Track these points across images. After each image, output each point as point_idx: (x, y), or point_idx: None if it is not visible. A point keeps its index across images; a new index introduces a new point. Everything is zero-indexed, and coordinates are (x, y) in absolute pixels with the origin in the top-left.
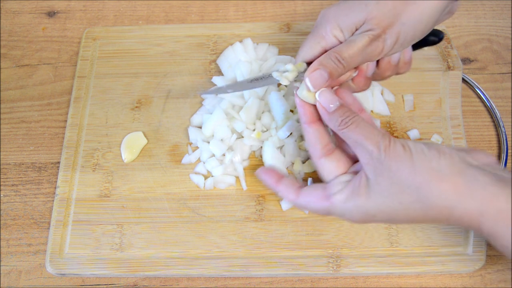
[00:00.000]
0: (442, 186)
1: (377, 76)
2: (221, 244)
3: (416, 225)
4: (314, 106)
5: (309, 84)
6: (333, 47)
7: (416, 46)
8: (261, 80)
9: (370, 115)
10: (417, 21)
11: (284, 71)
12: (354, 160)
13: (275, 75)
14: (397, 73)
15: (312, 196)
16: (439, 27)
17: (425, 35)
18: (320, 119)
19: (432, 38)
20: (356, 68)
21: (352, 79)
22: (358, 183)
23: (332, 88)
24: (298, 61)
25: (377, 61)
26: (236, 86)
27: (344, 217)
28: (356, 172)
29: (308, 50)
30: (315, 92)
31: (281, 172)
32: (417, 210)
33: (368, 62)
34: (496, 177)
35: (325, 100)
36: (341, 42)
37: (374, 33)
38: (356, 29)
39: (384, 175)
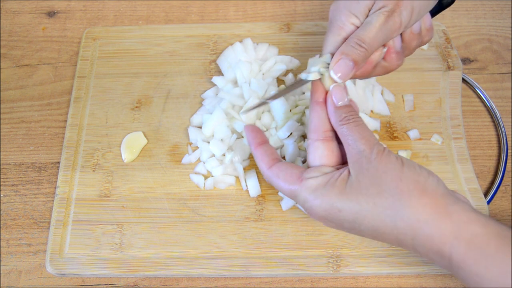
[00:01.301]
0: (423, 200)
1: (405, 50)
2: (221, 244)
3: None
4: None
5: (335, 76)
6: None
7: (434, 12)
8: (295, 85)
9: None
10: None
11: (310, 72)
12: (345, 161)
13: (303, 76)
14: (422, 43)
15: (284, 172)
16: (440, 25)
17: None
18: None
19: (446, 0)
20: (384, 45)
21: (384, 58)
22: (337, 176)
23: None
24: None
25: (400, 35)
26: (274, 95)
27: (306, 205)
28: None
29: (331, 44)
30: (342, 82)
31: (265, 138)
32: (388, 217)
33: (394, 38)
34: (472, 207)
35: (337, 95)
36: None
37: (387, 9)
38: (369, 11)
39: (368, 174)
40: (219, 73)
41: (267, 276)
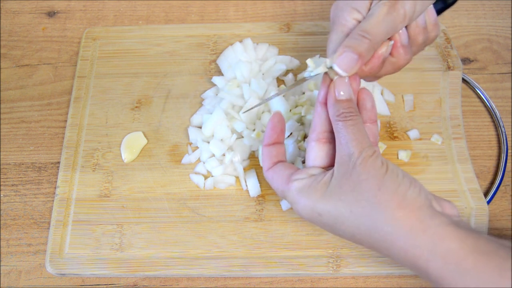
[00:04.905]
0: (398, 213)
1: (412, 45)
2: (221, 244)
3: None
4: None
5: (338, 69)
6: None
7: (440, 10)
8: (298, 82)
9: (378, 129)
10: None
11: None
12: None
13: (306, 74)
14: (429, 39)
15: (277, 174)
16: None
17: None
18: None
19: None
20: (390, 38)
21: (391, 53)
22: (320, 179)
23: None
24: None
25: (406, 28)
26: (274, 94)
27: (294, 206)
28: None
29: (335, 42)
30: (347, 76)
31: (279, 138)
32: (364, 225)
33: (400, 31)
34: (452, 221)
35: (339, 86)
36: None
37: (389, 0)
38: (371, 4)
39: (350, 180)
40: (219, 73)
41: (267, 276)
